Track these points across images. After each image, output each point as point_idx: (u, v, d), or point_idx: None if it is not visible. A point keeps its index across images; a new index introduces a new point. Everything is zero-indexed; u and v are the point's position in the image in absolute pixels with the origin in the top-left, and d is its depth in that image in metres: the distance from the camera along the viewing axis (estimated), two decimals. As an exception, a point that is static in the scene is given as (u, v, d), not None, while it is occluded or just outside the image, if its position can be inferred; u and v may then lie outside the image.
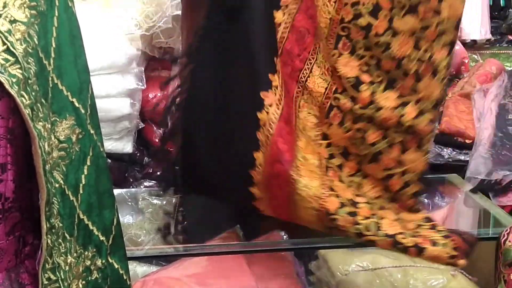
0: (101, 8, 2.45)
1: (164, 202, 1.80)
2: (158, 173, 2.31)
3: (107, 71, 2.32)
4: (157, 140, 2.61)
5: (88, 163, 1.10)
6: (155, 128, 2.59)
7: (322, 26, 1.49)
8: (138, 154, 2.61)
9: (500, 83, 2.19)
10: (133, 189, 2.07)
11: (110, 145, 2.41)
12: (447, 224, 1.57)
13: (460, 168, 1.95)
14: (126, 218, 1.79)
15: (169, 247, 1.56)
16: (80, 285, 1.10)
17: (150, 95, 2.56)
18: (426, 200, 1.68)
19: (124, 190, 2.02)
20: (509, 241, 1.46)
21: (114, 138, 2.42)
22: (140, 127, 2.55)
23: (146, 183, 2.39)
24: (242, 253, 1.63)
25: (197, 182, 1.57)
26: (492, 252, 1.53)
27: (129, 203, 1.89)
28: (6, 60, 0.94)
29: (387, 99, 1.43)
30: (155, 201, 1.89)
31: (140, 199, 1.93)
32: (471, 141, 1.93)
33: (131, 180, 2.43)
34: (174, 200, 1.67)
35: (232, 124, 1.52)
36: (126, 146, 2.46)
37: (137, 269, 2.30)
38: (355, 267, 1.70)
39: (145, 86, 2.49)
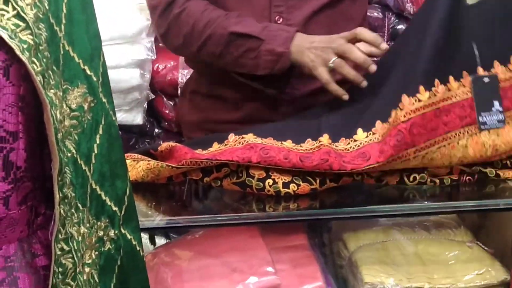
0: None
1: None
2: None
3: (117, 41, 2.31)
4: (167, 112, 2.59)
5: (100, 132, 1.08)
6: (165, 99, 2.58)
7: None
8: (148, 126, 2.60)
9: None
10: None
11: (120, 117, 2.40)
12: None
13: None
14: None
15: (181, 218, 1.54)
16: (93, 256, 1.09)
17: (161, 66, 2.53)
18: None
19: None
20: (527, 212, 1.45)
21: (124, 109, 2.41)
22: (150, 98, 2.54)
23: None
24: (255, 225, 1.61)
25: None
26: (507, 223, 1.52)
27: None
28: (17, 26, 0.92)
29: None
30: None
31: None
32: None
33: (141, 151, 2.42)
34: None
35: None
36: (136, 117, 2.46)
37: (148, 241, 2.29)
38: (368, 239, 1.68)
39: (155, 56, 2.47)
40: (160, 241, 2.13)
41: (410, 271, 1.57)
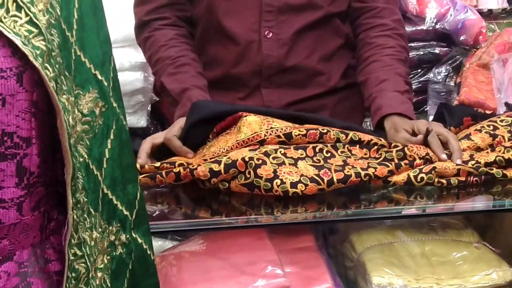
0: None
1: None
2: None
3: (121, 44, 2.31)
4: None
5: (112, 136, 1.08)
6: (169, 101, 2.58)
7: None
8: (152, 128, 2.60)
9: (520, 53, 2.16)
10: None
11: (124, 119, 2.39)
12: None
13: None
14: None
15: (189, 221, 1.54)
16: (105, 260, 1.09)
17: (164, 68, 2.52)
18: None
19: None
20: (535, 213, 1.45)
21: (128, 112, 2.40)
22: (154, 101, 2.54)
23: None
24: (263, 227, 1.61)
25: None
26: (515, 224, 1.53)
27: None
28: (30, 32, 0.92)
29: None
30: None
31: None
32: (491, 111, 1.91)
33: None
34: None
35: None
36: (140, 120, 2.46)
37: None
38: (376, 240, 1.68)
39: (159, 59, 2.45)
40: (165, 243, 2.13)
41: (418, 272, 1.57)
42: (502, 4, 2.68)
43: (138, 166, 1.54)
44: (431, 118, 2.10)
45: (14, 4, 0.92)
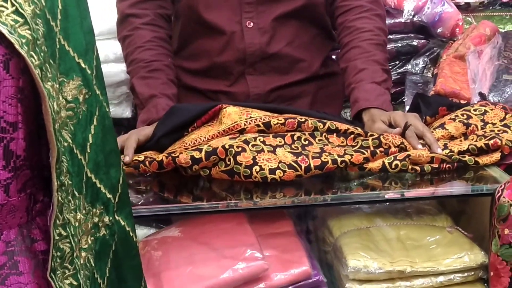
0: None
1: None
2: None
3: (106, 36, 2.34)
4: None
5: (95, 122, 1.13)
6: (153, 92, 2.61)
7: None
8: (137, 119, 2.63)
9: (494, 45, 2.21)
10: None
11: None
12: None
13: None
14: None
15: (171, 206, 1.58)
16: (89, 241, 1.14)
17: (149, 60, 2.56)
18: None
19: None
20: (503, 197, 1.50)
21: (113, 103, 2.44)
22: (138, 91, 2.56)
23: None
24: (242, 212, 1.66)
25: None
26: (486, 209, 1.57)
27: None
28: (16, 21, 0.97)
29: None
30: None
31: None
32: (466, 101, 1.96)
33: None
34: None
35: None
36: (125, 111, 2.48)
37: (137, 231, 2.32)
38: (353, 225, 1.73)
39: (143, 50, 2.48)
40: (150, 231, 2.17)
41: (393, 256, 1.61)
42: (479, -2, 2.73)
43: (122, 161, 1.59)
44: (408, 108, 2.15)
45: None
